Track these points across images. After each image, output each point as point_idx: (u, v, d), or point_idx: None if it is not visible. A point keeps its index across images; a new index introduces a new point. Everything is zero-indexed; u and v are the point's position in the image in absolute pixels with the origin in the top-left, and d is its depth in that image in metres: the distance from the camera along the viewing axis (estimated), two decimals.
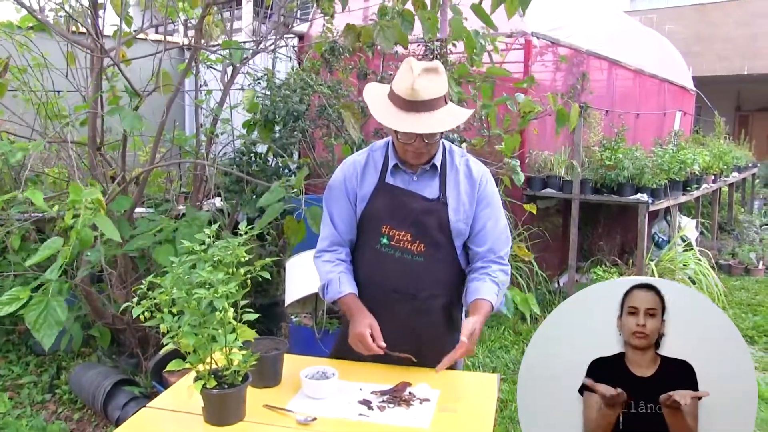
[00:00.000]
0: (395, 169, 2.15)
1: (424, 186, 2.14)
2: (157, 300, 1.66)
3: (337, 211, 2.21)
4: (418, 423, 1.77)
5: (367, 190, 2.16)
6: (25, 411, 3.67)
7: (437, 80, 1.97)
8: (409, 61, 1.98)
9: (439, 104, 1.97)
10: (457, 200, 2.13)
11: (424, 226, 2.11)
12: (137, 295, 1.70)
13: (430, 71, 1.96)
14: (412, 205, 2.11)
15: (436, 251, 2.14)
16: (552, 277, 6.08)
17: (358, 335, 2.03)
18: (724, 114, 11.64)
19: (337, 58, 4.41)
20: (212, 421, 1.72)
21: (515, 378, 4.23)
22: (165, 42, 3.76)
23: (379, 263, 2.15)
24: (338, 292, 2.13)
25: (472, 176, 2.17)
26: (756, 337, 5.34)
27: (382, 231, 2.13)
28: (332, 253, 2.21)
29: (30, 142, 3.11)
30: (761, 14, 13.61)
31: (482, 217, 2.16)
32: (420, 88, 1.93)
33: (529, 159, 5.93)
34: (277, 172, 4.34)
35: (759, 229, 9.21)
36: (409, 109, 1.95)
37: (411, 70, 1.95)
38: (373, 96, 2.08)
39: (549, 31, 5.86)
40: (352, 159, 2.25)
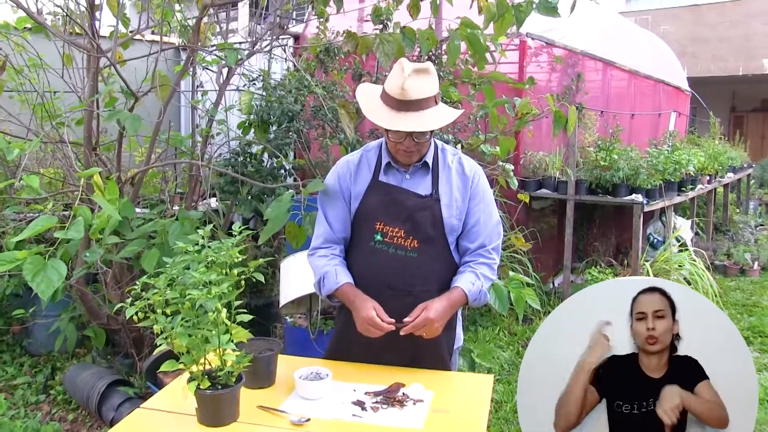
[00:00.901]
0: (388, 168, 2.19)
1: (416, 183, 2.17)
2: (151, 301, 1.67)
3: (331, 210, 2.24)
4: (412, 424, 1.77)
5: (361, 188, 2.19)
6: (19, 412, 3.67)
7: (428, 80, 2.02)
8: (401, 62, 2.04)
9: (428, 104, 2.03)
10: (449, 196, 2.16)
11: (417, 222, 2.13)
12: (131, 296, 1.71)
13: (420, 72, 2.01)
14: (406, 201, 2.14)
15: (430, 247, 2.15)
16: (547, 278, 6.10)
17: (366, 319, 2.03)
18: (719, 115, 11.68)
19: (332, 59, 4.41)
20: (206, 422, 1.72)
21: (510, 379, 4.25)
22: (161, 43, 3.76)
23: (374, 260, 2.17)
24: (335, 283, 2.15)
25: (464, 173, 2.21)
26: (752, 337, 5.36)
27: (376, 228, 2.15)
28: (327, 249, 2.24)
29: (26, 142, 3.11)
30: (756, 15, 13.65)
31: (475, 213, 2.19)
32: (410, 88, 1.98)
33: (524, 160, 5.94)
34: (272, 173, 4.35)
35: (754, 230, 9.24)
36: (400, 108, 2.00)
37: (402, 70, 2.01)
38: (365, 96, 2.14)
39: (544, 32, 5.88)
40: (345, 159, 2.29)
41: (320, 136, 4.47)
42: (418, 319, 2.02)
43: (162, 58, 3.75)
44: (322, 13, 3.72)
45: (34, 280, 2.06)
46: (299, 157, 4.74)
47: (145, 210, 4.14)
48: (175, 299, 1.66)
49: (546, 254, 6.04)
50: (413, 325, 2.02)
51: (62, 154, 3.94)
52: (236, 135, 4.59)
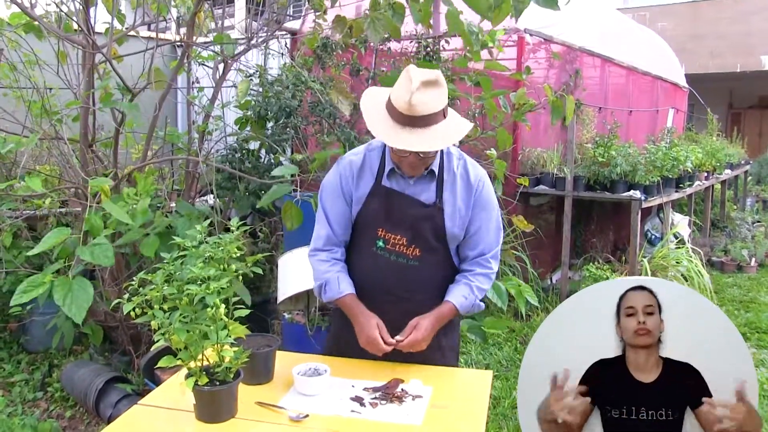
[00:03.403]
0: (392, 173, 2.13)
1: (420, 190, 2.12)
2: (148, 296, 1.66)
3: (332, 211, 2.19)
4: (411, 420, 1.77)
5: (363, 192, 2.14)
6: (16, 409, 3.65)
7: (436, 94, 1.91)
8: (409, 71, 1.91)
9: (436, 119, 1.92)
10: (453, 205, 2.12)
11: (420, 232, 2.11)
12: (128, 292, 1.70)
13: (429, 84, 1.89)
14: (409, 210, 2.10)
15: (431, 255, 2.14)
16: (545, 275, 6.09)
17: (369, 338, 2.04)
18: (717, 111, 11.68)
19: (330, 54, 4.40)
20: (204, 418, 1.72)
21: (508, 375, 4.25)
22: (157, 39, 3.74)
23: (374, 266, 2.15)
24: (338, 292, 2.13)
25: (469, 181, 2.15)
26: (749, 333, 5.36)
27: (378, 234, 2.13)
28: (328, 252, 2.20)
29: (23, 138, 3.09)
30: (754, 12, 13.66)
31: (476, 221, 2.16)
32: (417, 104, 1.87)
33: (522, 156, 5.93)
34: (269, 169, 4.33)
35: (751, 226, 9.24)
36: (405, 123, 1.90)
37: (410, 82, 1.88)
38: (370, 103, 2.03)
39: (542, 27, 5.86)
40: (348, 159, 2.20)
41: (318, 132, 4.46)
42: (407, 341, 2.04)
43: (158, 54, 3.74)
44: (320, 6, 3.70)
45: (65, 304, 2.12)
46: (297, 152, 4.73)
47: None
48: (172, 295, 1.65)
49: (544, 250, 6.03)
50: (403, 346, 2.04)
51: (59, 151, 3.92)
52: (233, 131, 4.57)
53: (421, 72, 1.91)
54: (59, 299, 2.14)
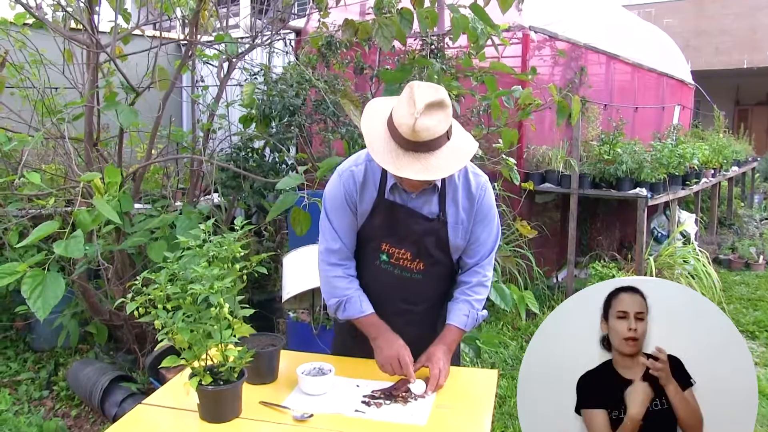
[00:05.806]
0: (394, 186, 2.08)
1: (423, 203, 2.08)
2: (152, 296, 1.65)
3: (341, 224, 2.14)
4: (415, 420, 1.76)
5: (367, 207, 2.10)
6: (23, 407, 3.67)
7: (441, 116, 1.81)
8: (413, 89, 1.82)
9: (441, 143, 1.84)
10: (455, 217, 2.10)
11: (424, 245, 2.10)
12: (132, 291, 1.69)
13: (433, 107, 1.79)
14: (413, 225, 2.08)
15: (435, 267, 2.14)
16: (551, 273, 6.07)
17: (397, 357, 2.01)
18: (723, 108, 11.63)
19: (334, 52, 4.39)
20: (208, 418, 1.71)
21: (514, 374, 4.24)
22: (161, 38, 3.73)
23: (377, 279, 2.15)
24: (360, 312, 2.11)
25: (470, 191, 2.11)
26: (757, 332, 5.33)
27: (382, 248, 2.12)
28: (343, 267, 2.16)
29: (28, 137, 3.10)
30: (760, 7, 13.59)
31: (476, 231, 2.14)
32: (421, 130, 1.78)
33: (527, 153, 5.91)
34: (274, 168, 4.33)
35: (759, 224, 9.20)
36: (408, 147, 1.82)
37: (414, 104, 1.79)
38: (371, 128, 1.93)
39: (547, 24, 5.84)
40: (349, 171, 2.12)
41: (322, 131, 4.45)
42: (441, 377, 1.99)
43: (162, 52, 3.73)
44: (322, 4, 3.69)
45: (31, 298, 2.10)
46: (301, 151, 4.72)
47: (147, 206, 4.13)
48: (176, 294, 1.65)
49: (549, 248, 6.02)
50: (441, 384, 1.99)
51: (63, 150, 3.92)
52: (238, 130, 4.57)
53: (426, 92, 1.82)
54: (26, 291, 2.10)
